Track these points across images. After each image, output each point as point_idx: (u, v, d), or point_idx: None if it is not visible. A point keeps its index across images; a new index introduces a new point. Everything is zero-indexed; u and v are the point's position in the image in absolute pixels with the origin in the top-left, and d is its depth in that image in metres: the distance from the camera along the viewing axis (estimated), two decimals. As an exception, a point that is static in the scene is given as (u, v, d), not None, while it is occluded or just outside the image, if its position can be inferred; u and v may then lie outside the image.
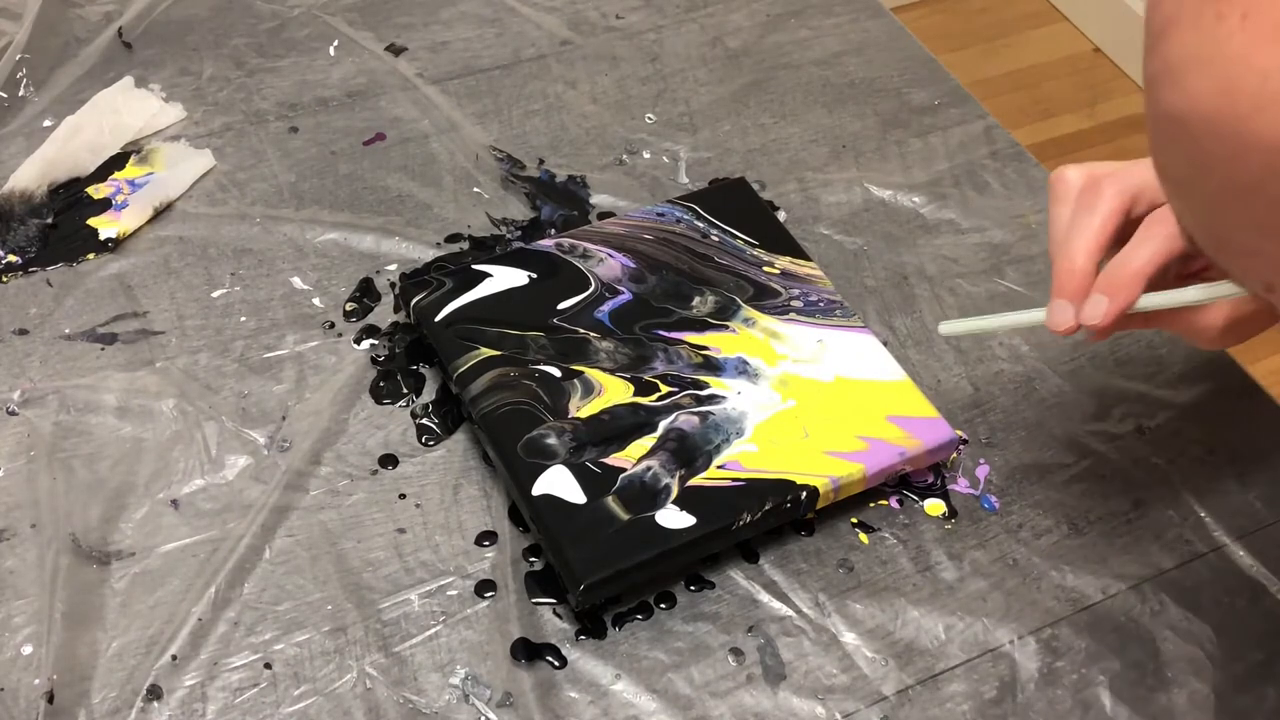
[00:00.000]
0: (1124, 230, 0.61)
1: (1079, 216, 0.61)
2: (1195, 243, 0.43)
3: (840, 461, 0.67)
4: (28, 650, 0.62)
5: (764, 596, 0.66)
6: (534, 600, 0.65)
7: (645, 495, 0.65)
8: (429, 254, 0.81)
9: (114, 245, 0.79)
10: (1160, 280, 0.60)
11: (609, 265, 0.76)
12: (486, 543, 0.67)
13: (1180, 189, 0.41)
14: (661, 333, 0.73)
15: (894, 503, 0.70)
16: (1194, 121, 0.38)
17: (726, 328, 0.73)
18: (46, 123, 0.86)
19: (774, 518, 0.66)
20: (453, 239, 0.82)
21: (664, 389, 0.70)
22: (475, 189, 0.85)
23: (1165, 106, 0.39)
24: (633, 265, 0.76)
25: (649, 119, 0.90)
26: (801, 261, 0.77)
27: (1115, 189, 0.61)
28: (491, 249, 0.81)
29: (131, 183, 0.83)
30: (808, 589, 0.67)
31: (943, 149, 0.90)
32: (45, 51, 0.91)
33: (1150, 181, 0.62)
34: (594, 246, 0.77)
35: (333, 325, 0.76)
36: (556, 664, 0.63)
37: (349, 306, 0.77)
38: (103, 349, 0.74)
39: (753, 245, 0.78)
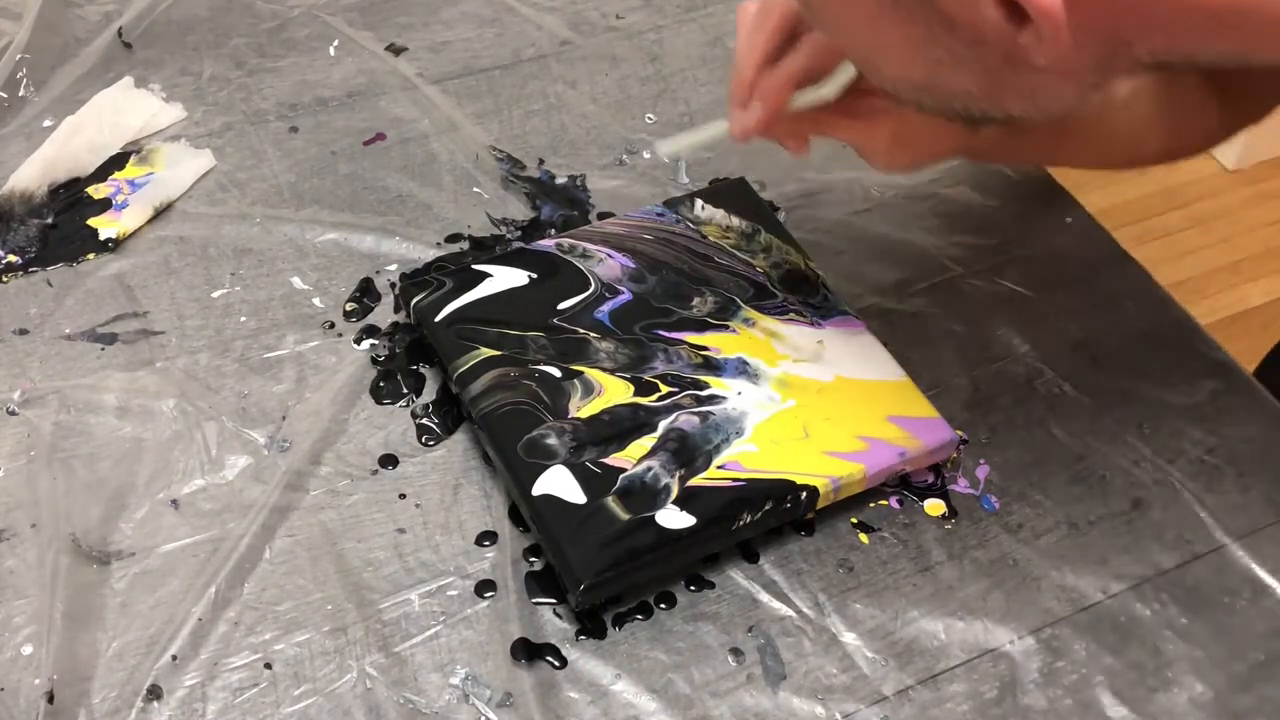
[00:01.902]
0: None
1: (750, 36, 0.67)
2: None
3: (840, 461, 0.67)
4: (28, 650, 0.62)
5: (764, 596, 0.66)
6: (534, 600, 0.65)
7: (645, 495, 0.65)
8: (429, 254, 0.81)
9: (114, 245, 0.79)
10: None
11: (609, 265, 0.76)
12: (486, 543, 0.67)
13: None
14: (661, 333, 0.73)
15: (894, 503, 0.70)
16: None
17: (726, 328, 0.73)
18: (46, 123, 0.86)
19: (774, 518, 0.66)
20: (453, 239, 0.82)
21: (664, 389, 0.70)
22: (475, 189, 0.85)
23: None
24: (633, 265, 0.76)
25: (649, 119, 0.90)
26: (802, 261, 0.77)
27: (780, 9, 0.67)
28: (491, 249, 0.81)
29: (131, 183, 0.83)
30: (808, 589, 0.66)
31: (943, 149, 0.90)
32: (45, 51, 0.91)
33: None
34: (594, 246, 0.77)
35: (333, 325, 0.76)
36: (556, 664, 0.63)
37: (349, 306, 0.77)
38: (103, 349, 0.74)
39: (740, 249, 0.78)
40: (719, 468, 0.67)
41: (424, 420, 0.72)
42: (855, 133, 0.67)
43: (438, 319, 0.73)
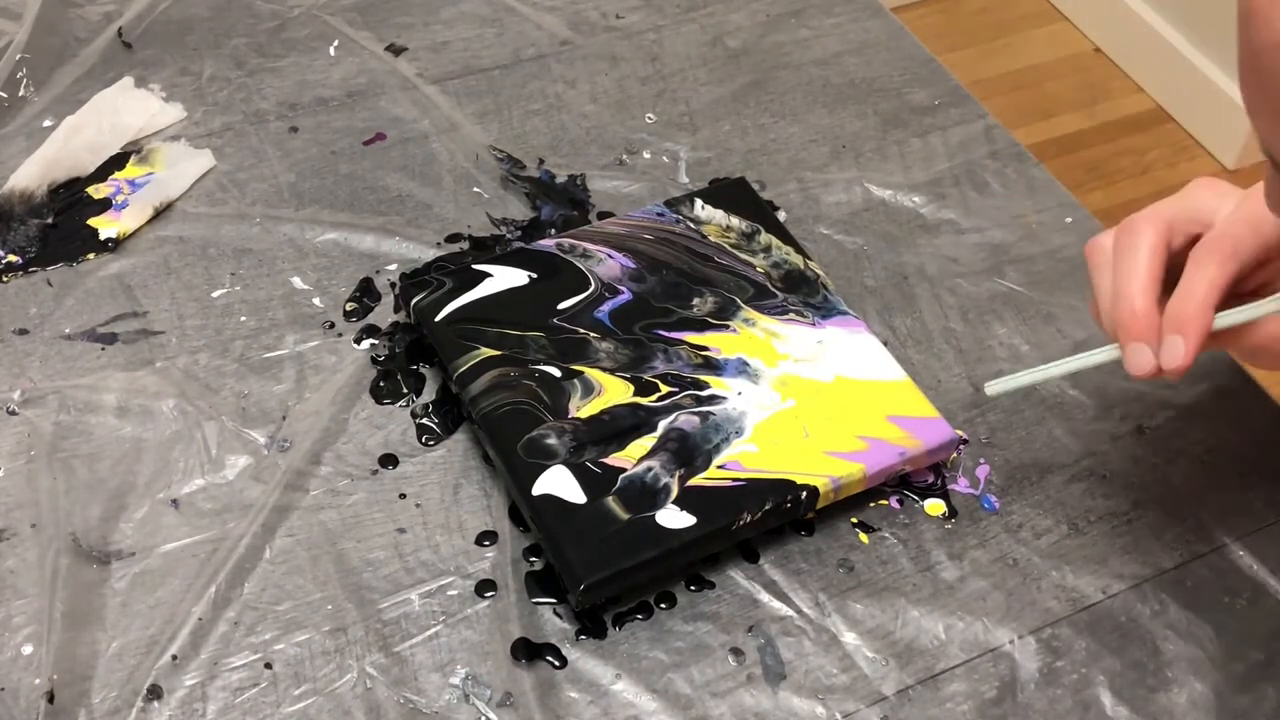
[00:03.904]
0: (1168, 272, 0.60)
1: (1122, 260, 0.60)
2: None
3: (840, 461, 0.67)
4: (28, 650, 0.62)
5: (764, 596, 0.66)
6: (534, 600, 0.65)
7: (645, 495, 0.65)
8: (429, 254, 0.81)
9: (114, 245, 0.79)
10: (1222, 307, 0.59)
11: (609, 265, 0.76)
12: (486, 543, 0.67)
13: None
14: (661, 333, 0.73)
15: (894, 503, 0.70)
16: None
17: (727, 328, 0.73)
18: (46, 123, 0.86)
19: (774, 518, 0.66)
20: (453, 239, 0.82)
21: (664, 389, 0.70)
22: (475, 189, 0.85)
23: (1274, 35, 0.40)
24: (633, 265, 0.76)
25: (649, 119, 0.90)
26: (802, 261, 0.77)
27: (1150, 224, 0.60)
28: (491, 249, 0.81)
29: (131, 183, 0.83)
30: (808, 589, 0.67)
31: (943, 149, 0.90)
32: (45, 51, 0.91)
33: (1180, 212, 0.61)
34: (594, 246, 0.77)
35: (333, 325, 0.76)
36: (556, 664, 0.63)
37: (349, 306, 0.77)
38: (103, 349, 0.74)
39: (739, 248, 0.78)
40: (719, 468, 0.67)
41: (424, 420, 0.72)
42: (1257, 338, 0.60)
43: (438, 319, 0.73)
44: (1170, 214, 0.61)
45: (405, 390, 0.73)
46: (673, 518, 0.65)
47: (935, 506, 0.70)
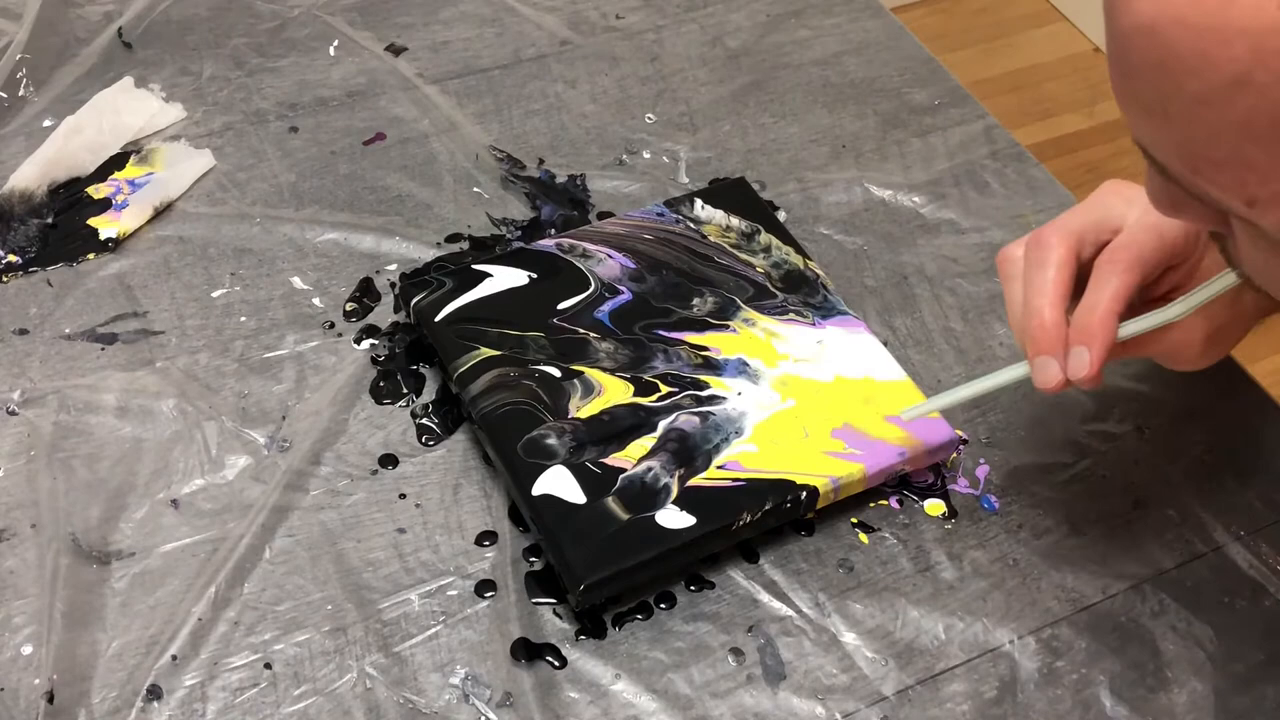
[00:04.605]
0: (1078, 281, 0.61)
1: (1032, 274, 0.61)
2: (1170, 174, 0.44)
3: (840, 461, 0.67)
4: (28, 650, 0.62)
5: (764, 596, 0.66)
6: (534, 600, 0.65)
7: (645, 495, 0.65)
8: (429, 254, 0.81)
9: (114, 245, 0.79)
10: (1127, 315, 0.60)
11: (609, 265, 0.76)
12: (486, 543, 0.67)
13: (1153, 110, 0.42)
14: (661, 333, 0.73)
15: (894, 503, 0.70)
16: (1166, 26, 0.39)
17: (726, 328, 0.73)
18: (46, 123, 0.86)
19: (774, 518, 0.66)
20: (453, 239, 0.82)
21: (664, 389, 0.70)
22: (475, 189, 0.85)
23: (1134, 18, 0.40)
24: (633, 265, 0.76)
25: (649, 119, 0.90)
26: (802, 261, 0.77)
27: (1058, 236, 0.61)
28: (491, 249, 0.81)
29: (131, 183, 0.83)
30: (808, 589, 0.67)
31: (943, 149, 0.90)
32: (45, 51, 0.91)
33: (1088, 222, 0.62)
34: (594, 246, 0.77)
35: (333, 325, 0.76)
36: (556, 664, 0.63)
37: (349, 306, 0.77)
38: (103, 349, 0.74)
39: (738, 248, 0.78)
40: (719, 468, 0.67)
41: (424, 420, 0.72)
42: (1165, 345, 0.61)
43: (438, 319, 0.73)
44: (1078, 225, 0.61)
45: (405, 390, 0.73)
46: (673, 518, 0.65)
47: (935, 507, 0.70)
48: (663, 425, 0.68)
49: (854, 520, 0.69)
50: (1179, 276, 0.62)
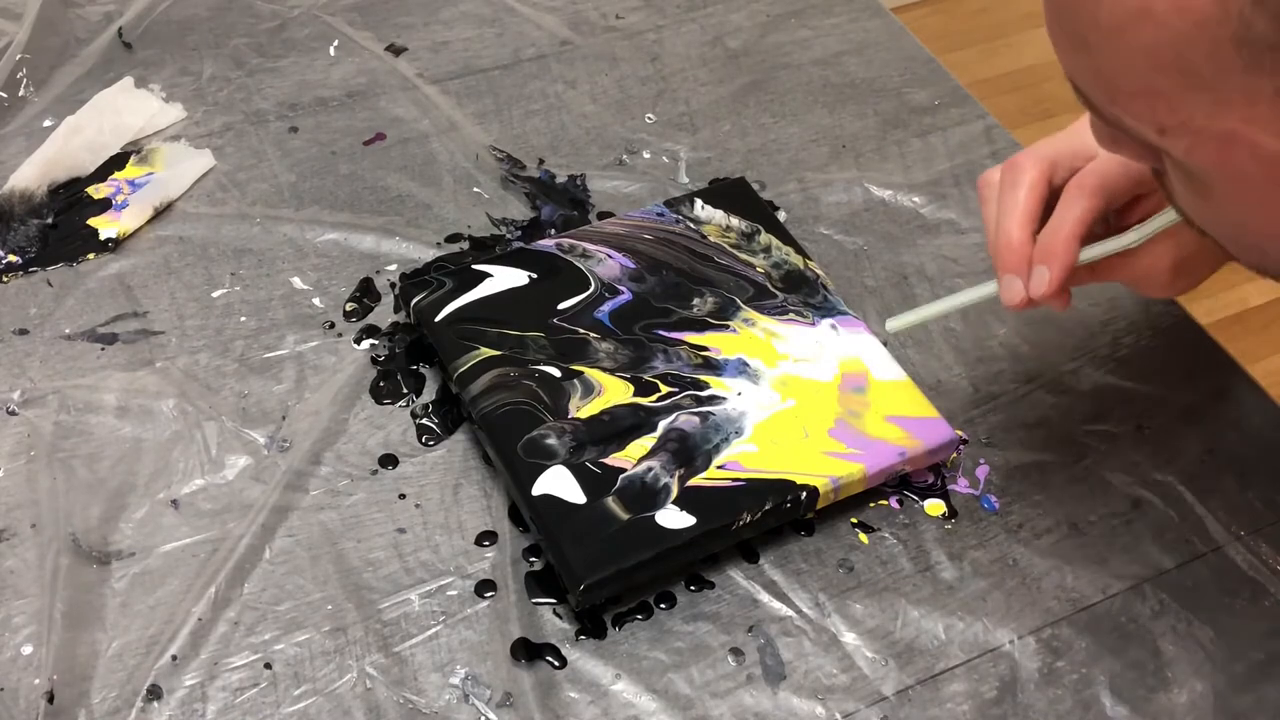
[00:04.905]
0: (1050, 204, 0.63)
1: (1005, 195, 0.63)
2: (1094, 106, 0.48)
3: (840, 461, 0.67)
4: (28, 650, 0.62)
5: (764, 596, 0.66)
6: (534, 600, 0.65)
7: (645, 495, 0.65)
8: (429, 254, 0.81)
9: (114, 245, 0.79)
10: (1092, 239, 0.62)
11: (609, 265, 0.76)
12: (486, 543, 0.67)
13: (1076, 42, 0.46)
14: (661, 333, 0.73)
15: (894, 503, 0.70)
16: None
17: (726, 328, 0.73)
18: (46, 123, 0.86)
19: (774, 518, 0.66)
20: (453, 239, 0.82)
21: (664, 389, 0.70)
22: (475, 189, 0.85)
23: None
24: (633, 265, 0.76)
25: (649, 119, 0.90)
26: (802, 261, 0.77)
27: (1031, 160, 0.63)
28: (491, 249, 0.81)
29: (131, 183, 0.83)
30: (808, 589, 0.67)
31: (943, 149, 0.90)
32: (45, 51, 0.91)
33: (1063, 149, 0.64)
34: (594, 246, 0.77)
35: (333, 325, 0.76)
36: (556, 664, 0.63)
37: (349, 306, 0.77)
38: (103, 349, 0.74)
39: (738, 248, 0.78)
40: (719, 468, 0.67)
41: (424, 420, 0.72)
42: (1134, 271, 0.63)
43: (438, 319, 0.73)
44: (1052, 151, 0.63)
45: (405, 390, 0.73)
46: (673, 518, 0.65)
47: (935, 507, 0.70)
48: (663, 425, 0.68)
49: (854, 520, 0.69)
50: (1149, 206, 0.63)
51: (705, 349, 0.72)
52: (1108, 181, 0.61)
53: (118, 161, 0.84)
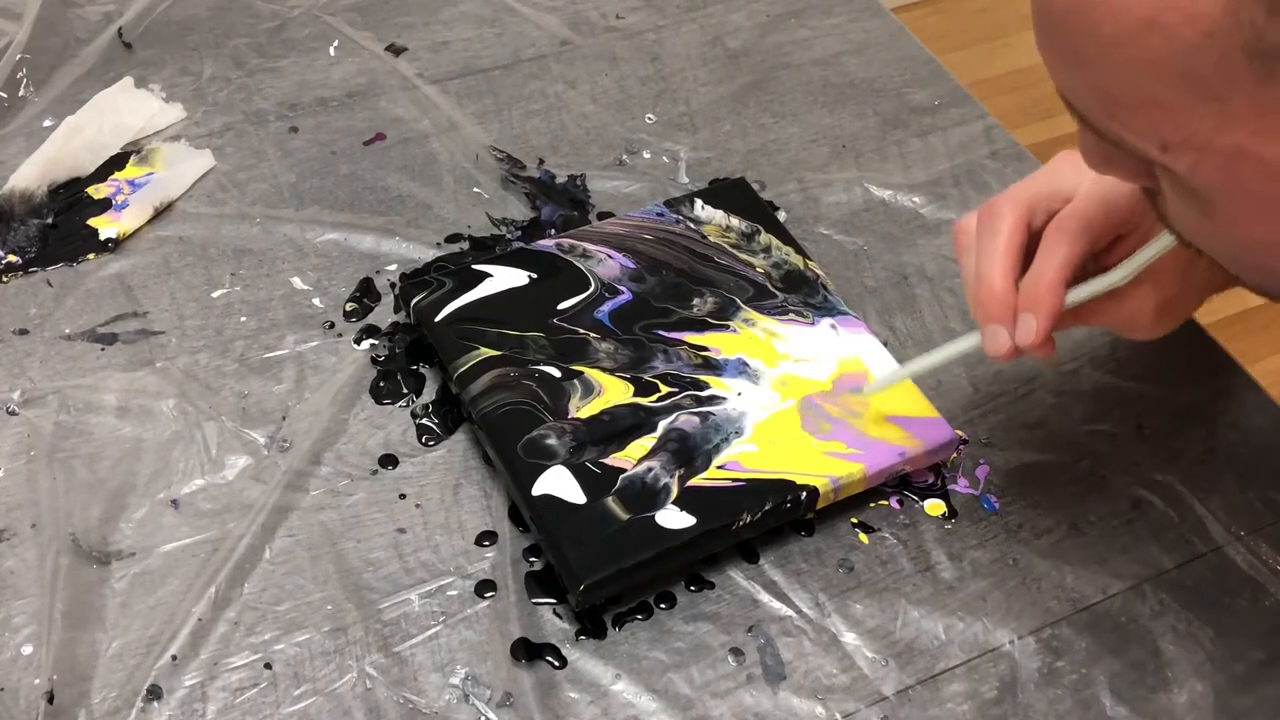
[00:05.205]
0: (1030, 248, 0.61)
1: (983, 242, 0.61)
2: (1089, 123, 0.46)
3: (840, 461, 0.67)
4: (28, 650, 0.62)
5: (764, 596, 0.66)
6: (534, 600, 0.65)
7: (645, 495, 0.65)
8: (429, 254, 0.81)
9: (114, 245, 0.79)
10: (1076, 283, 0.61)
11: (609, 265, 0.76)
12: (486, 543, 0.67)
13: (1071, 56, 0.44)
14: (661, 333, 0.73)
15: (894, 503, 0.70)
16: None
17: (726, 328, 0.73)
18: (46, 123, 0.86)
19: (774, 518, 0.66)
20: (453, 239, 0.82)
21: (664, 389, 0.70)
22: (475, 189, 0.85)
23: None
24: (633, 265, 0.76)
25: (649, 119, 0.90)
26: (802, 261, 0.77)
27: (1009, 205, 0.61)
28: (491, 249, 0.81)
29: (131, 183, 0.83)
30: (808, 589, 0.67)
31: (943, 149, 0.90)
32: (45, 51, 0.91)
33: (1041, 190, 0.62)
34: (594, 246, 0.77)
35: (333, 325, 0.76)
36: (556, 664, 0.63)
37: (349, 306, 0.77)
38: (103, 349, 0.74)
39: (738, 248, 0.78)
40: (719, 468, 0.67)
41: (424, 420, 0.72)
42: (1117, 314, 0.62)
43: (438, 319, 0.73)
44: (1029, 194, 0.62)
45: (405, 390, 0.73)
46: (673, 518, 0.65)
47: (935, 507, 0.70)
48: (663, 425, 0.68)
49: (854, 520, 0.69)
50: (1130, 245, 0.62)
51: (705, 349, 0.72)
52: (1091, 223, 0.60)
53: (118, 161, 0.84)
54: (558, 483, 0.66)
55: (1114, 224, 0.61)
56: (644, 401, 0.69)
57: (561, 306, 0.74)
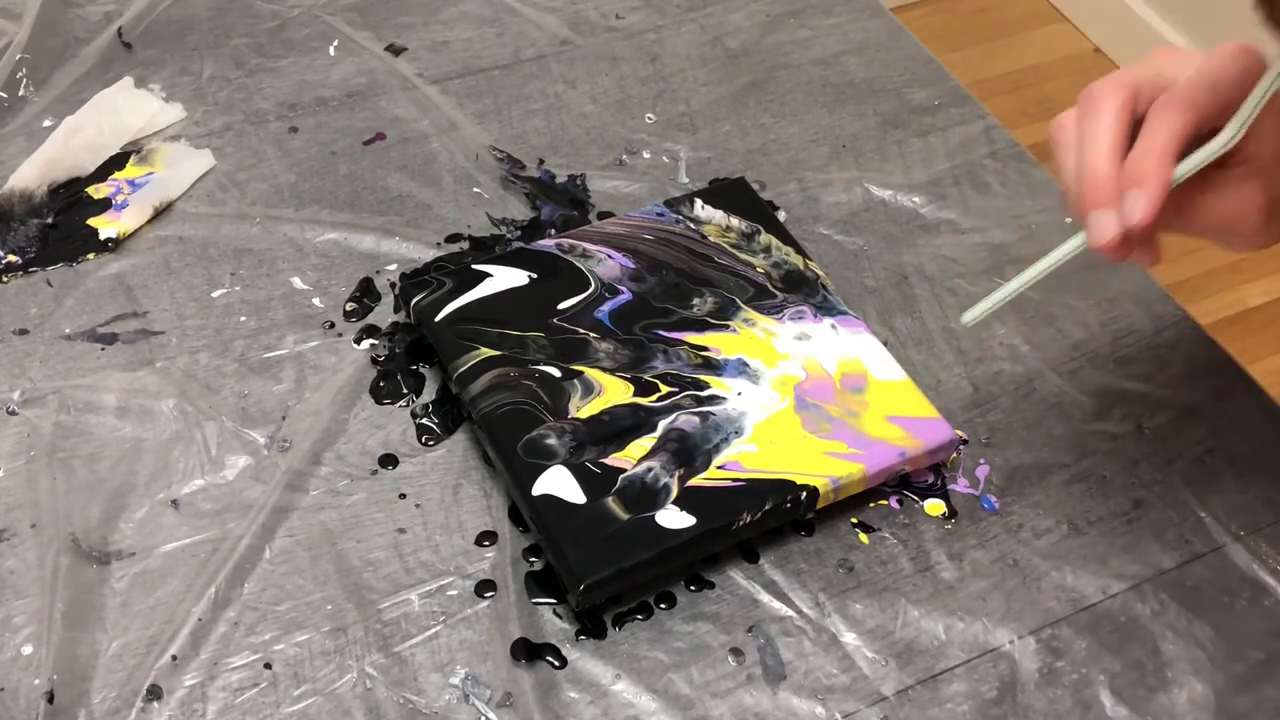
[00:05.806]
0: (1134, 134, 0.57)
1: (1086, 128, 0.57)
2: None
3: (840, 461, 0.67)
4: (28, 650, 0.62)
5: (764, 596, 0.66)
6: (534, 600, 0.65)
7: (645, 495, 0.65)
8: (429, 254, 0.81)
9: (114, 245, 0.79)
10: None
11: (609, 265, 0.76)
12: (486, 543, 0.67)
13: None
14: (661, 333, 0.73)
15: (894, 503, 0.70)
16: None
17: (727, 328, 0.73)
18: (46, 123, 0.86)
19: (774, 518, 0.66)
20: (453, 239, 0.82)
21: (664, 389, 0.70)
22: (475, 189, 0.85)
23: None
24: (633, 265, 0.76)
25: (649, 119, 0.90)
26: (802, 261, 0.77)
27: (1113, 88, 0.57)
28: (491, 249, 0.81)
29: (131, 183, 0.83)
30: (808, 589, 0.67)
31: (943, 149, 0.90)
32: (45, 51, 0.91)
33: (1145, 75, 0.59)
34: (594, 246, 0.77)
35: (333, 325, 0.76)
36: (556, 664, 0.63)
37: (349, 306, 0.77)
38: (103, 349, 0.74)
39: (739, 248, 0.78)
40: (719, 468, 0.67)
41: (424, 420, 0.72)
42: (1224, 210, 0.57)
43: (438, 319, 0.73)
44: (1132, 78, 0.58)
45: (405, 390, 0.73)
46: (672, 518, 0.65)
47: (935, 507, 0.70)
48: (663, 425, 0.68)
49: (854, 520, 0.69)
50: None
51: (705, 349, 0.72)
52: (1195, 101, 0.56)
53: (118, 161, 0.84)
54: (558, 483, 0.66)
55: (1219, 106, 0.57)
56: (644, 401, 0.69)
57: (561, 306, 0.74)
